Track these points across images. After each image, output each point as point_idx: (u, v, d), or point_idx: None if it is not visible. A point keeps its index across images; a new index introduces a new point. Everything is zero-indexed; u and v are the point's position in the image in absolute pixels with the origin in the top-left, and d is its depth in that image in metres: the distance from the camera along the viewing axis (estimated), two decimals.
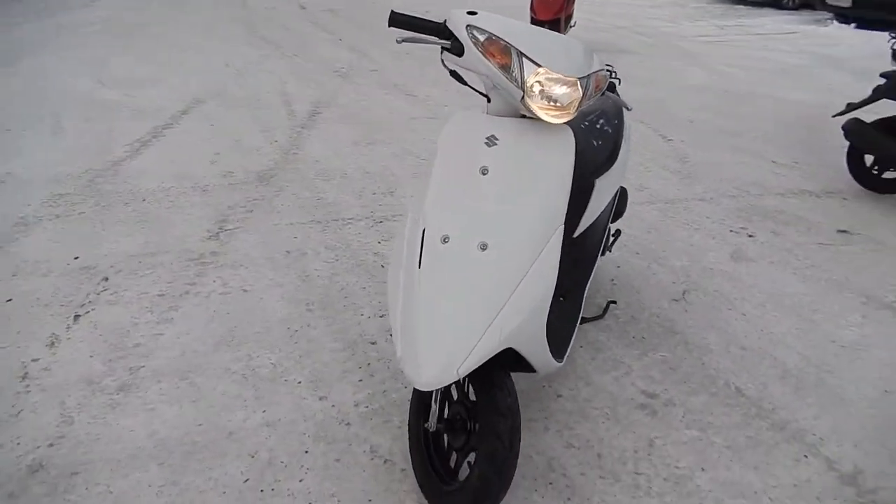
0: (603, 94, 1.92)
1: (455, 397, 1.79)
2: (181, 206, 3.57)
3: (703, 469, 1.95)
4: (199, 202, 3.63)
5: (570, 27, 7.79)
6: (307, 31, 9.01)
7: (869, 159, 4.01)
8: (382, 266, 3.00)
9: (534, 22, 7.21)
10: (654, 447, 2.03)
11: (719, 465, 1.97)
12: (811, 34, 10.14)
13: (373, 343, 2.48)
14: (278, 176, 4.00)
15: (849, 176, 4.11)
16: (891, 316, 2.74)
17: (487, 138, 1.72)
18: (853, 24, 10.32)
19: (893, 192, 4.00)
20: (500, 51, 1.64)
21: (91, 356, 2.38)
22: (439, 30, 1.75)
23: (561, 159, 1.73)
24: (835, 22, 10.79)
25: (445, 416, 1.79)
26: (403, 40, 1.78)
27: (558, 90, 1.65)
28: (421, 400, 1.85)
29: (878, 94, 3.89)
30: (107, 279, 2.85)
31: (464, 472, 1.75)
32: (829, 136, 4.97)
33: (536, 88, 1.64)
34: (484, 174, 1.68)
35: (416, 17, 1.78)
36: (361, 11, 10.84)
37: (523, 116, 1.76)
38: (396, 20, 1.78)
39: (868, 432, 2.11)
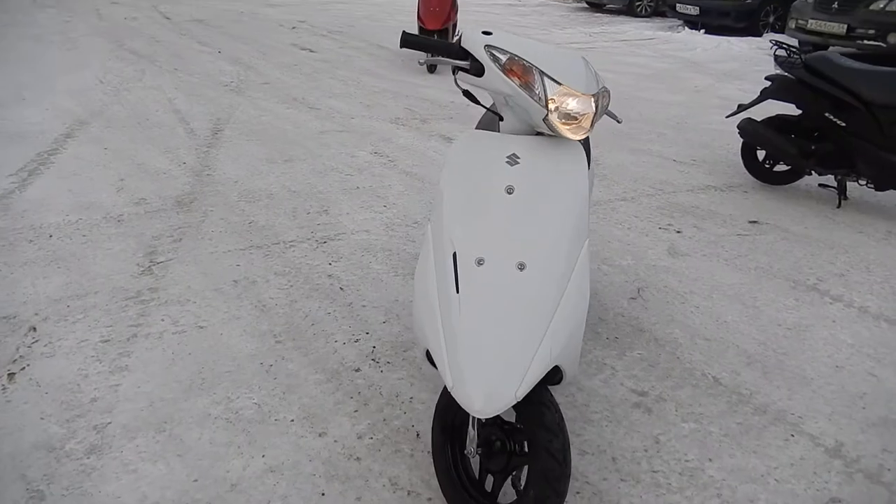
0: None
1: (483, 420, 1.75)
2: (97, 240, 3.24)
3: (710, 460, 2.04)
4: (116, 234, 3.32)
5: (457, 37, 7.91)
6: (180, 43, 8.51)
7: (761, 154, 4.40)
8: (341, 289, 2.89)
9: (422, 32, 7.25)
10: (660, 444, 2.10)
11: (723, 454, 2.07)
12: (668, 39, 10.94)
13: (357, 370, 2.37)
14: (199, 200, 3.74)
15: (744, 170, 4.48)
16: (818, 297, 3.01)
17: (508, 157, 1.70)
18: (702, 30, 11.27)
19: (784, 184, 4.40)
20: (522, 70, 1.63)
21: (42, 418, 2.10)
22: (452, 50, 1.72)
23: (578, 174, 1.75)
24: (686, 28, 11.73)
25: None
26: (426, 62, 1.77)
27: (577, 107, 1.66)
28: (444, 427, 1.80)
29: (765, 95, 4.25)
30: (35, 329, 2.53)
31: (504, 494, 1.72)
32: (715, 134, 5.40)
33: (553, 105, 1.65)
34: (510, 193, 1.66)
35: (427, 39, 1.76)
36: (231, 22, 10.41)
37: (538, 134, 1.76)
38: (408, 41, 1.74)
39: (835, 406, 2.30)
